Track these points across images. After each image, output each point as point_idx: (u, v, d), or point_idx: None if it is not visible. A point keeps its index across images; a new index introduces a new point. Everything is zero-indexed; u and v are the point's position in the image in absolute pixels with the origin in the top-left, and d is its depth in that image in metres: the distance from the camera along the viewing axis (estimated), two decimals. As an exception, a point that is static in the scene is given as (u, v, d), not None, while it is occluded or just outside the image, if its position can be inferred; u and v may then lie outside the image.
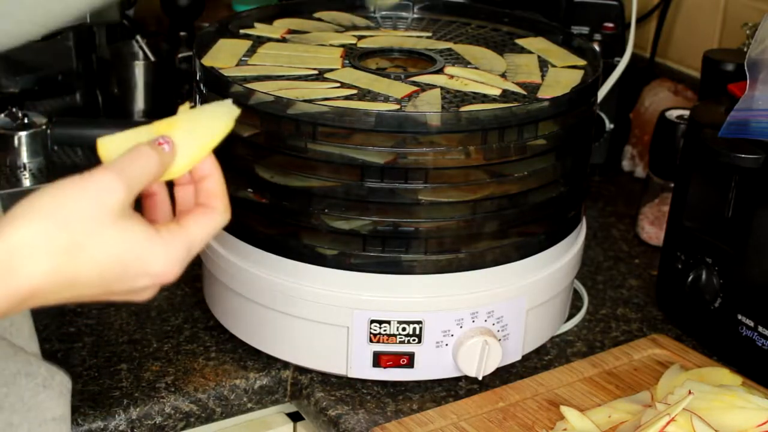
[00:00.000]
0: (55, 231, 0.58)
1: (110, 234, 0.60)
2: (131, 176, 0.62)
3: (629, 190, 1.36)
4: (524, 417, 0.89)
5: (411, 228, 0.88)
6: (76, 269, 0.59)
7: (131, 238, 0.61)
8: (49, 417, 0.72)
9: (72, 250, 0.59)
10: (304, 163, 0.88)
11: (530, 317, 0.95)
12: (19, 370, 0.71)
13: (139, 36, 1.38)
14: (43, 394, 0.72)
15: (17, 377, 0.71)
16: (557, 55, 1.05)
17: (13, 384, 0.71)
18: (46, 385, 0.72)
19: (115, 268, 0.61)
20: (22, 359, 0.72)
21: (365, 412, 0.91)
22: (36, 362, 0.73)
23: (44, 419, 0.71)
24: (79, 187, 0.60)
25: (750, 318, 0.96)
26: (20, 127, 1.25)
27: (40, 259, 0.58)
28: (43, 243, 0.58)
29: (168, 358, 0.97)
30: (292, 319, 0.92)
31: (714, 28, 1.41)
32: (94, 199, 0.60)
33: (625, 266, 1.18)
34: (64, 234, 0.58)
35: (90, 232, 0.59)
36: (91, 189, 0.60)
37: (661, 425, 0.80)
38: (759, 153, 0.92)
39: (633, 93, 1.40)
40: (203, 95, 0.94)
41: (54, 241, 0.58)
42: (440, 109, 0.89)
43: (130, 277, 0.62)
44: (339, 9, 1.15)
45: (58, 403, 0.73)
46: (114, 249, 0.60)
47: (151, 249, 0.62)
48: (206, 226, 0.66)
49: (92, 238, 0.59)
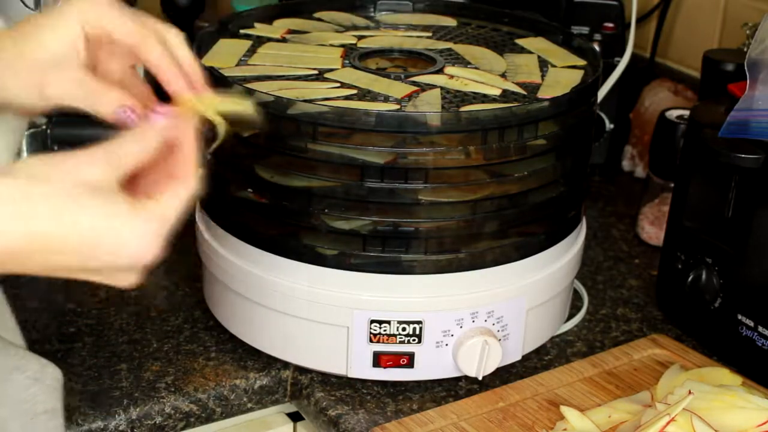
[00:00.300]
0: (29, 192, 0.59)
1: (85, 203, 0.60)
2: (118, 155, 0.63)
3: (629, 190, 1.36)
4: (524, 417, 0.89)
5: (411, 228, 0.88)
6: (49, 232, 0.59)
7: (106, 210, 0.61)
8: (41, 410, 0.71)
9: (46, 213, 0.59)
10: (304, 163, 0.88)
11: (530, 317, 0.95)
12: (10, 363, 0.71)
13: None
14: (34, 387, 0.72)
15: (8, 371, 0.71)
16: (557, 55, 1.05)
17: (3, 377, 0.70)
18: (38, 378, 0.72)
19: (88, 238, 0.61)
20: (13, 353, 0.72)
21: (365, 412, 0.91)
22: (27, 356, 0.73)
23: (36, 412, 0.71)
24: (63, 157, 0.61)
25: (750, 318, 0.96)
26: (20, 127, 1.25)
27: (14, 219, 0.58)
28: (17, 202, 0.58)
29: (168, 358, 0.97)
30: (292, 319, 0.92)
31: (714, 28, 1.41)
32: (74, 170, 0.61)
33: (625, 266, 1.18)
34: (39, 197, 0.59)
35: (66, 198, 0.60)
36: (72, 160, 0.61)
37: (661, 425, 0.80)
38: (759, 153, 0.92)
39: (633, 93, 1.40)
40: (203, 95, 0.94)
41: (28, 203, 0.59)
42: (440, 109, 0.89)
43: (105, 252, 0.61)
44: (339, 9, 1.15)
45: (49, 396, 0.73)
46: (88, 217, 0.60)
47: (127, 223, 0.62)
48: (178, 197, 0.65)
49: (68, 204, 0.60)
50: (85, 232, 0.60)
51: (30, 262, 0.60)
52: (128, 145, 0.64)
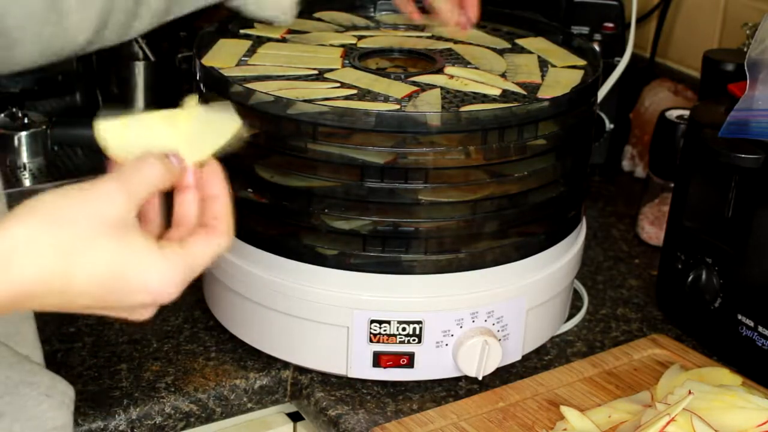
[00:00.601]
0: (51, 234, 0.58)
1: (106, 243, 0.60)
2: (134, 187, 0.62)
3: (629, 190, 1.36)
4: (524, 417, 0.89)
5: (411, 228, 0.88)
6: (69, 274, 0.59)
7: (129, 250, 0.61)
8: (50, 427, 0.71)
9: (66, 255, 0.59)
10: (304, 163, 0.88)
11: (530, 317, 0.95)
12: (21, 378, 0.71)
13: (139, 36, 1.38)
14: (45, 403, 0.72)
15: (20, 386, 0.71)
16: (557, 55, 1.05)
17: (15, 393, 0.70)
18: (49, 394, 0.72)
19: (109, 279, 0.60)
20: (25, 368, 0.72)
21: (365, 412, 0.91)
22: (39, 371, 0.73)
23: (45, 429, 0.71)
24: (81, 194, 0.60)
25: (750, 318, 0.96)
26: (20, 127, 1.25)
27: (34, 260, 0.58)
28: (38, 244, 0.58)
29: (168, 358, 0.97)
30: (292, 319, 0.92)
31: (714, 28, 1.41)
32: (94, 207, 0.60)
33: (625, 266, 1.18)
34: (59, 238, 0.58)
35: (86, 239, 0.59)
36: (91, 197, 0.60)
37: (661, 425, 0.80)
38: (759, 153, 0.92)
39: (633, 93, 1.40)
40: (203, 95, 0.94)
41: (49, 244, 0.58)
42: (440, 109, 0.89)
43: (126, 292, 0.61)
44: (339, 9, 1.15)
45: (59, 413, 0.73)
46: (109, 259, 0.60)
47: (151, 264, 0.62)
48: (209, 248, 0.65)
49: (88, 245, 0.59)
50: (110, 271, 0.60)
51: (48, 301, 0.60)
52: (140, 174, 0.63)
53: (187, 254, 0.64)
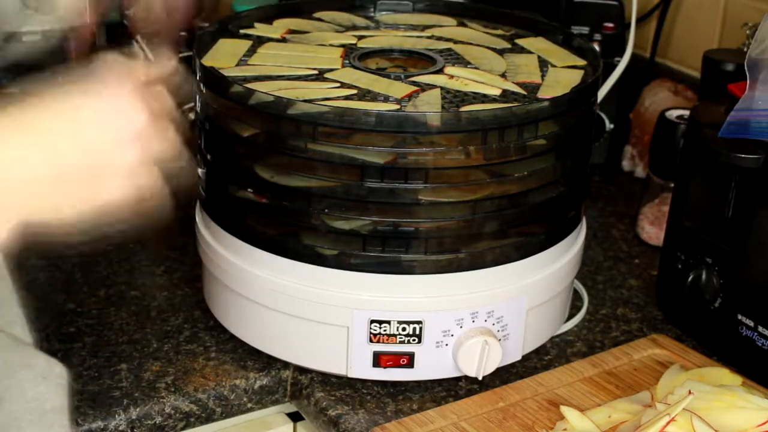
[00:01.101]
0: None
1: None
2: None
3: (629, 190, 1.36)
4: (524, 417, 0.89)
5: (411, 228, 0.88)
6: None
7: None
8: (48, 408, 0.72)
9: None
10: (304, 163, 0.88)
11: (530, 317, 0.95)
12: (19, 361, 0.72)
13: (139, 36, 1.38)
14: (42, 385, 0.72)
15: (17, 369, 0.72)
16: (557, 55, 1.05)
17: (13, 375, 0.71)
18: (45, 376, 0.73)
19: None
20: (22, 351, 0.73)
21: (365, 412, 0.91)
22: (35, 354, 0.73)
23: (44, 410, 0.72)
24: None
25: (750, 318, 0.96)
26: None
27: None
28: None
29: (168, 358, 0.97)
30: (292, 319, 0.92)
31: (714, 28, 1.41)
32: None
33: (625, 266, 1.18)
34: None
35: None
36: None
37: (661, 425, 0.80)
38: (759, 153, 0.92)
39: (633, 93, 1.40)
40: (203, 95, 0.94)
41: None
42: (440, 109, 0.89)
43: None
44: (339, 9, 1.15)
45: (57, 394, 0.73)
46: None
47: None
48: None
49: None
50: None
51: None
52: None
53: None
